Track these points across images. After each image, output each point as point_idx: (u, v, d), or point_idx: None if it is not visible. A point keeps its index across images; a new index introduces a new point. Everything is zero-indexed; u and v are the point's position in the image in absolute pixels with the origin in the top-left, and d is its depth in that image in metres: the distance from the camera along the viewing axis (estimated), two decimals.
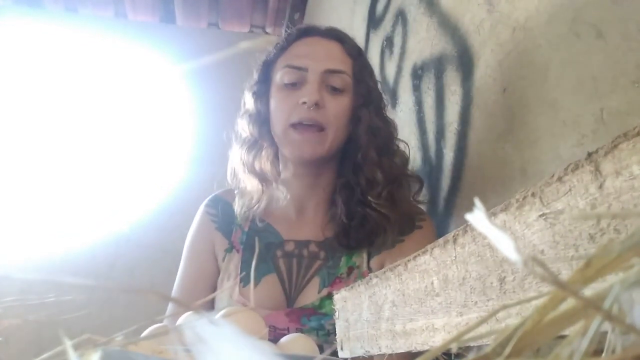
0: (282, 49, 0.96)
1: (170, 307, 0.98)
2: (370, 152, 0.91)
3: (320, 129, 0.89)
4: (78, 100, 2.16)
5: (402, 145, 1.00)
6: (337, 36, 0.97)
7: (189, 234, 1.04)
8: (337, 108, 0.90)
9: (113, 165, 2.20)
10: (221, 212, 1.02)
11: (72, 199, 2.11)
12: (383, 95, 1.00)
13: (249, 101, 0.98)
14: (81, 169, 2.15)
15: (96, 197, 2.14)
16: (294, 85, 0.92)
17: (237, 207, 0.98)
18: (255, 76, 0.99)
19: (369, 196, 0.90)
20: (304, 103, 0.88)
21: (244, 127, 0.98)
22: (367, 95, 0.93)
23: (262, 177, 0.95)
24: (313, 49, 0.94)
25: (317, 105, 0.88)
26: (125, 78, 2.30)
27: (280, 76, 0.93)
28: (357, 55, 0.96)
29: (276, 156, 0.97)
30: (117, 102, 2.24)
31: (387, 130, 0.95)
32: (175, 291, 1.00)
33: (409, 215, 0.93)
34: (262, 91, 0.96)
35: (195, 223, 1.04)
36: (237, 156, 0.98)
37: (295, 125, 0.90)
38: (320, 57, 0.92)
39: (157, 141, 2.28)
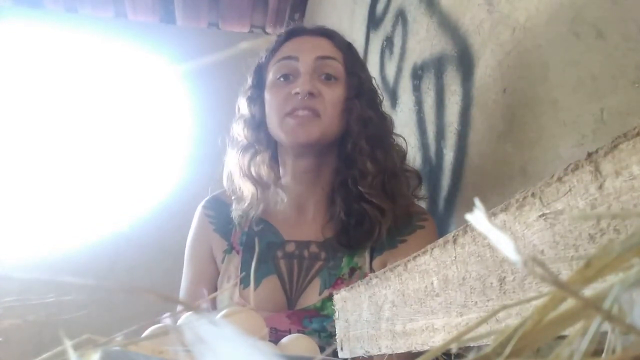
0: (273, 51, 0.97)
1: (178, 310, 0.98)
2: (361, 142, 0.91)
3: (316, 114, 0.89)
4: (78, 101, 2.16)
5: (400, 141, 0.99)
6: (325, 33, 0.98)
7: (188, 237, 1.03)
8: (332, 95, 0.91)
9: (114, 165, 2.20)
10: (219, 213, 1.01)
11: (72, 199, 2.11)
12: (378, 91, 1.00)
13: (243, 106, 0.99)
14: (81, 169, 2.15)
15: (96, 197, 2.14)
16: (286, 78, 0.93)
17: (234, 212, 0.97)
18: (249, 81, 1.00)
19: (360, 186, 0.89)
20: (297, 94, 0.89)
21: (239, 132, 0.98)
22: (358, 87, 0.93)
23: (258, 182, 0.94)
24: (302, 45, 0.95)
25: (311, 94, 0.89)
26: (126, 78, 2.30)
27: (272, 73, 0.94)
28: (346, 49, 0.97)
29: (273, 160, 0.97)
30: (117, 103, 2.24)
31: (381, 123, 0.95)
32: (180, 295, 1.00)
33: (407, 211, 0.92)
34: (256, 95, 0.97)
35: (194, 225, 1.03)
36: (233, 161, 0.98)
37: (289, 113, 0.90)
38: (309, 48, 0.93)
39: (157, 141, 2.28)
